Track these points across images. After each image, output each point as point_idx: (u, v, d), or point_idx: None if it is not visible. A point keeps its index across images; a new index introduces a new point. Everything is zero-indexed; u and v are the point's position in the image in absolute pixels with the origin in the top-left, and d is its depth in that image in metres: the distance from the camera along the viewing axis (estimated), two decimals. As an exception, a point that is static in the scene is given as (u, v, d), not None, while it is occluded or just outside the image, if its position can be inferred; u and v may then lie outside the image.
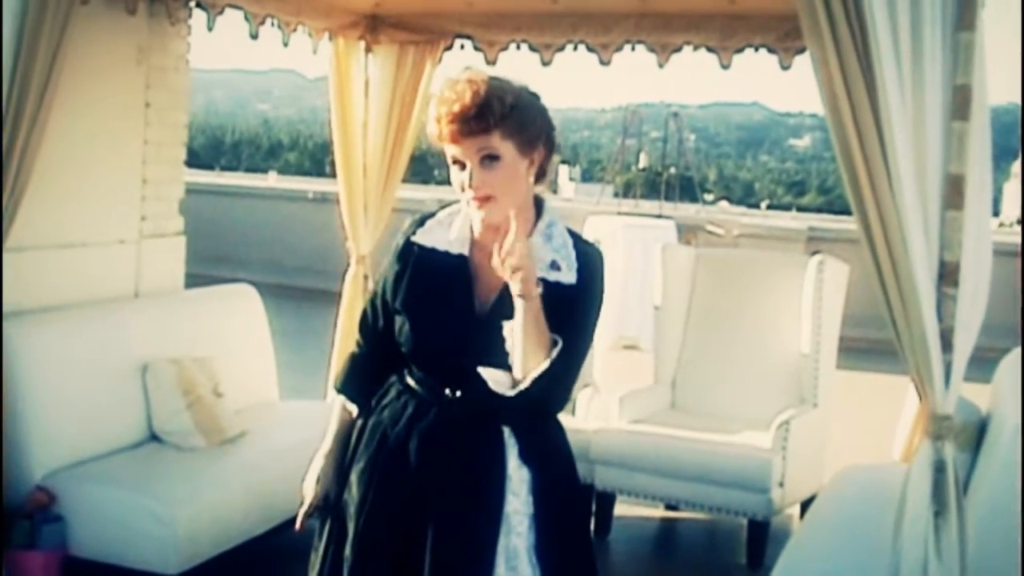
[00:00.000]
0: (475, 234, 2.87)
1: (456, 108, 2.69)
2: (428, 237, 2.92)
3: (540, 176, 2.85)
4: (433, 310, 2.85)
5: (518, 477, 2.86)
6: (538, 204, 2.89)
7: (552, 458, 2.96)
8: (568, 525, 2.96)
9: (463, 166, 2.75)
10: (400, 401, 2.94)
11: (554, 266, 2.80)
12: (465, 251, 2.87)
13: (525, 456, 2.87)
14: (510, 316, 2.71)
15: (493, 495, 2.83)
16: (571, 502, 3.01)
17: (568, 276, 2.80)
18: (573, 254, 2.84)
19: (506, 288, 2.70)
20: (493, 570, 2.80)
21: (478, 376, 2.79)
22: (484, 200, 2.75)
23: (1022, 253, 9.21)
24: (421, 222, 2.96)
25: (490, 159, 2.72)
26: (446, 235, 2.89)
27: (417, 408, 2.90)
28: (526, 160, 2.78)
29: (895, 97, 3.22)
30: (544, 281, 2.72)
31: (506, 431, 2.87)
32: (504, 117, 2.72)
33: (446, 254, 2.88)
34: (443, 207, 2.97)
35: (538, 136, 2.80)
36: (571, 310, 2.78)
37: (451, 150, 2.74)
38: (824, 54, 3.30)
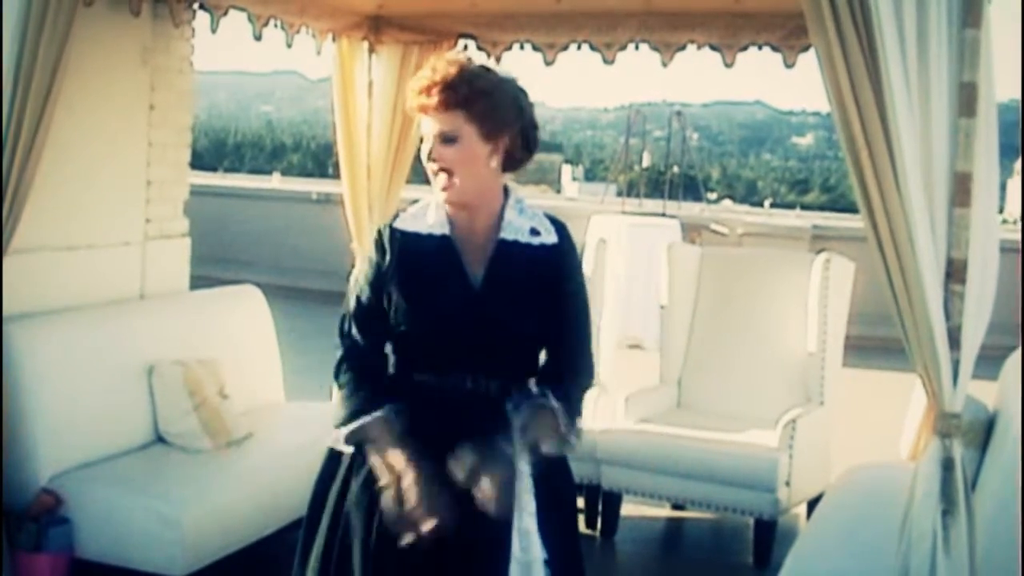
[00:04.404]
0: (451, 213, 2.98)
1: (424, 83, 2.84)
2: (408, 224, 3.01)
3: (511, 165, 2.98)
4: (430, 289, 2.92)
5: (523, 457, 2.89)
6: (504, 188, 3.02)
7: None
8: (564, 506, 3.05)
9: (426, 140, 2.90)
10: (402, 397, 2.95)
11: (534, 232, 2.97)
12: (447, 231, 2.97)
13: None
14: (503, 283, 2.91)
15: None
16: (565, 483, 3.10)
17: (549, 237, 2.98)
18: (546, 220, 3.01)
19: (493, 258, 2.92)
20: (511, 550, 2.82)
21: (481, 351, 2.89)
22: (442, 172, 2.88)
23: (1022, 252, 9.19)
24: (395, 216, 3.06)
25: (447, 140, 2.86)
26: (424, 221, 2.99)
27: (419, 399, 2.92)
28: (489, 146, 2.89)
29: (901, 94, 3.22)
30: (529, 245, 2.95)
31: (510, 409, 2.92)
32: (468, 101, 2.84)
33: (429, 236, 2.97)
34: (413, 203, 3.07)
35: (504, 126, 2.90)
36: (564, 279, 2.98)
37: (421, 124, 2.90)
38: (829, 52, 3.30)
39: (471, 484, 2.73)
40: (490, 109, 2.87)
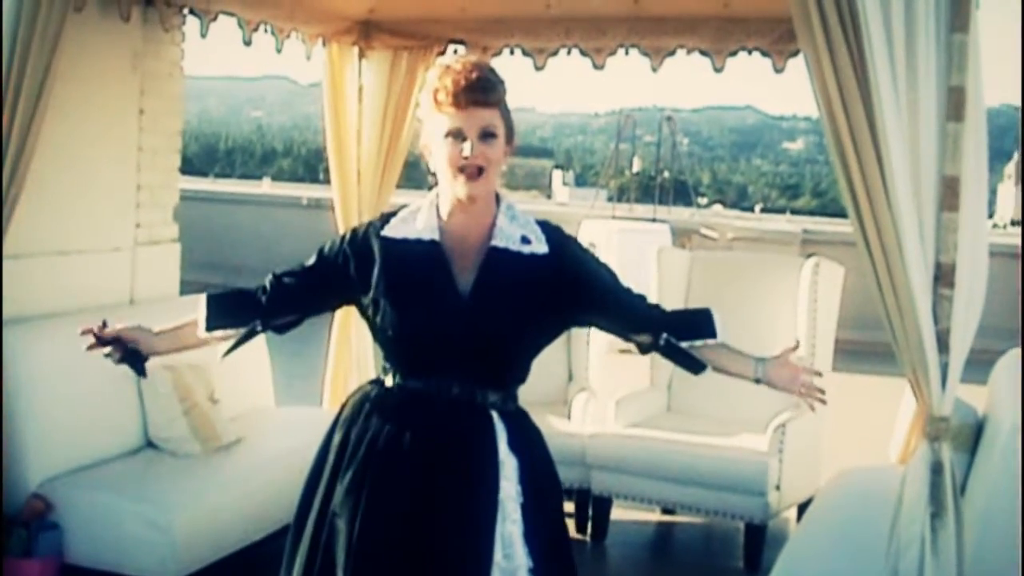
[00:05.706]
0: (444, 218, 2.96)
1: (474, 76, 2.80)
2: (396, 230, 2.99)
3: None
4: (418, 295, 2.91)
5: (509, 463, 2.91)
6: (495, 194, 3.02)
7: (535, 445, 3.03)
8: (550, 512, 3.03)
9: (458, 138, 2.83)
10: (385, 403, 2.96)
11: (525, 240, 2.94)
12: (436, 237, 2.95)
13: (512, 443, 2.93)
14: (491, 292, 2.88)
15: (489, 481, 2.87)
16: (552, 489, 3.08)
17: (540, 247, 2.95)
18: (538, 228, 2.98)
19: (483, 266, 2.90)
20: (492, 557, 2.81)
21: (467, 358, 2.88)
22: (475, 172, 2.84)
23: (1022, 255, 9.21)
24: (385, 219, 3.04)
25: (488, 135, 2.83)
26: (413, 226, 2.98)
27: (405, 405, 2.92)
28: (506, 147, 2.91)
29: (889, 99, 3.23)
30: (520, 254, 2.92)
31: (495, 417, 2.93)
32: (502, 99, 2.87)
33: (417, 242, 2.95)
34: (402, 207, 3.05)
35: (514, 129, 2.94)
36: (580, 270, 2.98)
37: (451, 121, 2.82)
38: (818, 56, 3.31)
39: None
40: (509, 111, 2.91)
